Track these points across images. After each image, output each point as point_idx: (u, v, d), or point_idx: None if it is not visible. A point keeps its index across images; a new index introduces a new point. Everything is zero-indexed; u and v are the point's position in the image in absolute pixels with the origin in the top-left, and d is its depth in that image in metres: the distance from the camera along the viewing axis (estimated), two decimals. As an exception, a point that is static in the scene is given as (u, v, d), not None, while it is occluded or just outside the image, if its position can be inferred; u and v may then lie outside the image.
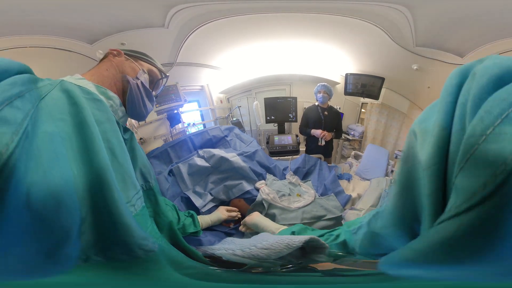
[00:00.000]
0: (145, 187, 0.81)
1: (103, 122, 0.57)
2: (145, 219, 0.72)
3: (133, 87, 0.78)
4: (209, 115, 1.83)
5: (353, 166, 1.78)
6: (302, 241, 0.75)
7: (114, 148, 0.57)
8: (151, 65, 0.90)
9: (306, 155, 1.66)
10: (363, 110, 1.88)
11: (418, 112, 1.77)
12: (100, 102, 0.61)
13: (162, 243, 0.74)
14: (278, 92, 1.85)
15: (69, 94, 0.52)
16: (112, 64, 0.77)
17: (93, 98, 0.60)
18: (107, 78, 0.73)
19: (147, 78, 0.86)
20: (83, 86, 0.61)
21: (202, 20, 1.38)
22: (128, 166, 0.64)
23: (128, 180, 0.61)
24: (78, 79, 0.66)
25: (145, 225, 0.71)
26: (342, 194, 1.44)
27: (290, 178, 1.49)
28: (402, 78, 1.71)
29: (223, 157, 1.40)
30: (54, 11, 1.13)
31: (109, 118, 0.60)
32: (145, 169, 0.82)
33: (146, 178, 0.81)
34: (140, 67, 0.83)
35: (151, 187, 0.83)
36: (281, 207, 1.29)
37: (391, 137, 1.83)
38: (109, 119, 0.60)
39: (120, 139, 0.63)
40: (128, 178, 0.62)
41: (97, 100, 0.60)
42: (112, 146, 0.57)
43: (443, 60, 1.47)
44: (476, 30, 1.29)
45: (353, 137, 1.89)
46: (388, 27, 1.42)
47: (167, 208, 0.94)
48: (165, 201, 1.06)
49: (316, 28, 1.53)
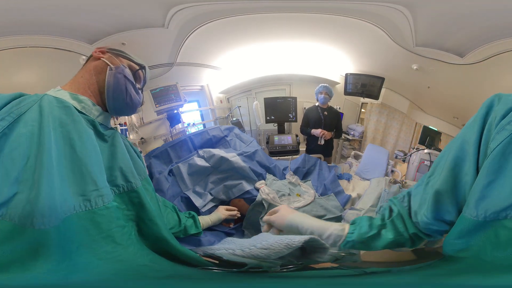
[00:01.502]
0: (125, 188, 0.78)
1: (68, 124, 0.71)
2: (109, 220, 0.69)
3: (110, 79, 0.83)
4: (209, 115, 1.83)
5: (353, 166, 1.79)
6: (302, 241, 0.75)
7: (75, 144, 0.69)
8: (129, 60, 0.93)
9: (306, 155, 1.66)
10: (363, 110, 1.88)
11: (418, 112, 1.77)
12: (68, 108, 0.74)
13: (126, 253, 0.71)
14: (278, 92, 1.85)
15: (40, 106, 0.69)
16: (87, 69, 0.86)
17: (63, 106, 0.74)
18: (82, 84, 0.83)
19: (129, 72, 0.90)
20: (58, 97, 0.76)
21: (202, 20, 1.38)
22: (89, 161, 0.69)
23: (86, 174, 0.68)
24: (57, 91, 0.79)
25: (107, 226, 0.69)
26: (342, 194, 1.44)
27: (290, 178, 1.49)
28: (402, 78, 1.71)
29: (223, 157, 1.40)
30: (54, 11, 1.13)
31: (74, 120, 0.73)
32: (127, 169, 0.80)
33: (127, 178, 0.79)
34: (121, 63, 0.89)
35: (134, 189, 0.79)
36: (281, 207, 1.29)
37: (391, 137, 1.83)
38: (74, 121, 0.73)
39: (83, 136, 0.72)
40: (87, 172, 0.68)
41: (66, 107, 0.74)
42: (73, 143, 0.69)
43: (443, 60, 1.47)
44: (476, 30, 1.29)
45: (353, 137, 1.89)
46: (388, 27, 1.42)
47: (160, 214, 0.89)
48: (165, 203, 1.05)
49: (316, 28, 1.53)
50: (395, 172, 1.68)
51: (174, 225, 1.03)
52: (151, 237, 0.81)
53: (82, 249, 0.63)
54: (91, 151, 0.72)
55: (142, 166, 0.90)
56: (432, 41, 1.43)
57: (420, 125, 1.76)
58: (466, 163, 0.59)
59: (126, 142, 0.89)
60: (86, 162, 0.69)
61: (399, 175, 1.66)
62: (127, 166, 0.80)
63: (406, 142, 1.80)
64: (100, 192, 0.69)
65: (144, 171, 0.89)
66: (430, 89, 1.70)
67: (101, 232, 0.67)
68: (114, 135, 0.84)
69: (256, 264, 0.75)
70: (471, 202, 0.55)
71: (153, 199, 0.88)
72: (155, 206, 0.87)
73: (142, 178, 0.86)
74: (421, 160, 1.63)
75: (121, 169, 0.78)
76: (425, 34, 1.40)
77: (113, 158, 0.79)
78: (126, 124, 1.51)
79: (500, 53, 1.31)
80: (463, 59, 1.42)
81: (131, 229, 0.77)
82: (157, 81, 1.60)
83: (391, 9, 1.28)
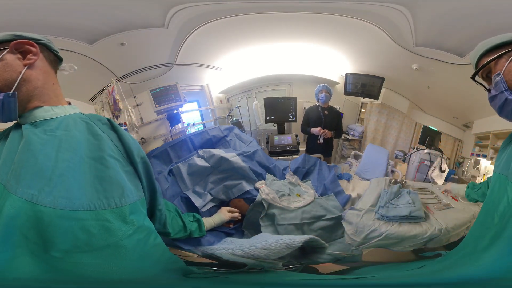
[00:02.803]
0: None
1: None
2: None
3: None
4: (209, 115, 1.83)
5: (353, 166, 1.78)
6: (302, 241, 0.75)
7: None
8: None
9: (306, 155, 1.66)
10: (363, 110, 1.88)
11: (418, 112, 1.77)
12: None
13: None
14: (278, 92, 1.85)
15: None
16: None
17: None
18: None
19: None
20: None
21: (202, 20, 1.38)
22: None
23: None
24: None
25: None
26: (341, 194, 1.43)
27: (290, 178, 1.49)
28: (402, 78, 1.71)
29: (223, 157, 1.40)
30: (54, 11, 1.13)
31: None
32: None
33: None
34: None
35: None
36: (280, 207, 1.29)
37: (391, 137, 1.83)
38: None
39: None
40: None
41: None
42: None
43: (443, 60, 1.47)
44: (476, 30, 1.29)
45: (353, 137, 1.89)
46: (388, 27, 1.42)
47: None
48: (167, 207, 0.97)
49: (316, 28, 1.53)
50: (395, 172, 1.68)
51: (179, 230, 0.99)
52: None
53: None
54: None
55: (116, 184, 0.64)
56: (432, 41, 1.43)
57: (420, 125, 1.76)
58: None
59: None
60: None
61: (399, 175, 1.66)
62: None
63: (406, 142, 1.80)
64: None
65: (120, 193, 0.64)
66: (430, 89, 1.70)
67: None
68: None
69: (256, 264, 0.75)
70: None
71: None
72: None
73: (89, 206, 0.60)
74: (421, 160, 1.63)
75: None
76: (425, 34, 1.40)
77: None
78: (126, 124, 1.52)
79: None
80: (463, 59, 1.42)
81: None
82: (157, 81, 1.61)
83: (391, 9, 1.28)
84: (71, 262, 0.58)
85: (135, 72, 1.52)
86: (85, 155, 0.63)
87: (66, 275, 0.58)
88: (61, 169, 0.60)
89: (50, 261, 0.57)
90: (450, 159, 1.69)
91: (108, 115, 1.50)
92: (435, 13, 1.28)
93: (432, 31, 1.39)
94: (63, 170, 0.59)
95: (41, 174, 0.58)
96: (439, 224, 1.11)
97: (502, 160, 0.80)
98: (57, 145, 0.62)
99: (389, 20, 1.35)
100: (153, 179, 0.74)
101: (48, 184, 0.58)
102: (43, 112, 0.68)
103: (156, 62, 1.56)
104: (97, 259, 0.59)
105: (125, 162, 0.67)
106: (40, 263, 0.57)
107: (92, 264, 0.59)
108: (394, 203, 1.19)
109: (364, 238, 1.11)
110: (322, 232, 1.25)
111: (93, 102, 1.48)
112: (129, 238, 0.62)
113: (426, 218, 1.15)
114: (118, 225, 0.61)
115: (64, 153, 0.61)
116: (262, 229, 1.25)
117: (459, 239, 1.08)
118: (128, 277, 0.63)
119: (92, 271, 0.59)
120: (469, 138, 1.67)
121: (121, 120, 1.51)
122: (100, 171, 0.62)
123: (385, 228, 1.11)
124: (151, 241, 0.68)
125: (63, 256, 0.57)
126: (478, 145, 1.63)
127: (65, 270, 0.58)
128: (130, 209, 0.64)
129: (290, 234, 1.23)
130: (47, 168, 0.59)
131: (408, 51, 1.49)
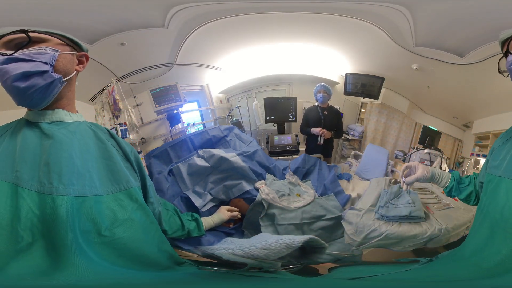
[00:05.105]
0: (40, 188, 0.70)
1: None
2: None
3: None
4: (209, 115, 1.83)
5: (353, 166, 1.78)
6: (302, 241, 0.75)
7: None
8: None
9: (305, 155, 1.66)
10: (363, 110, 1.88)
11: (418, 112, 1.78)
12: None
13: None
14: (278, 92, 1.85)
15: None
16: None
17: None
18: None
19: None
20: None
21: (202, 20, 1.38)
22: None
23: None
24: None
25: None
26: (341, 194, 1.43)
27: (290, 178, 1.49)
28: (402, 78, 1.71)
29: (222, 157, 1.40)
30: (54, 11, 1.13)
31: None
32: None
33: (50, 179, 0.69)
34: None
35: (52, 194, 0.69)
36: (280, 207, 1.29)
37: (391, 137, 1.83)
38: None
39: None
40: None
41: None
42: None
43: (443, 60, 1.47)
44: (476, 30, 1.29)
45: (353, 137, 1.89)
46: (388, 27, 1.42)
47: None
48: (166, 206, 1.03)
49: (316, 28, 1.53)
50: (395, 172, 1.68)
51: (177, 229, 1.02)
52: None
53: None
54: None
55: (122, 174, 0.79)
56: (431, 41, 1.43)
57: (420, 125, 1.76)
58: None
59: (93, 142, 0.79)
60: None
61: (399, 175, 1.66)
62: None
63: (406, 142, 1.80)
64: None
65: (126, 180, 0.79)
66: (430, 89, 1.70)
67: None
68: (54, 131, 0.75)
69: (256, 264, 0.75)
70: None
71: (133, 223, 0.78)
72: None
73: (114, 189, 0.76)
74: (421, 160, 1.63)
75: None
76: (425, 34, 1.40)
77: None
78: (126, 124, 1.51)
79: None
80: (463, 59, 1.42)
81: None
82: (157, 81, 1.61)
83: (391, 9, 1.28)
84: (116, 238, 0.72)
85: (135, 72, 1.52)
86: (98, 156, 0.77)
87: (117, 252, 0.72)
88: (88, 167, 0.73)
89: (105, 241, 0.71)
90: (450, 159, 1.69)
91: (108, 115, 1.50)
92: (435, 13, 1.28)
93: (432, 31, 1.39)
94: (89, 168, 0.73)
95: (78, 172, 0.71)
96: (439, 224, 1.11)
97: (505, 160, 0.73)
98: (79, 147, 0.75)
99: (389, 20, 1.35)
100: (144, 174, 0.89)
101: (83, 179, 0.72)
102: (63, 114, 0.78)
103: (156, 62, 1.56)
104: (126, 232, 0.74)
105: (124, 160, 0.83)
106: (104, 248, 0.71)
107: (126, 238, 0.74)
108: (394, 203, 1.20)
109: (364, 238, 1.11)
110: (322, 232, 1.25)
111: (93, 102, 1.48)
112: (135, 212, 0.78)
113: (426, 218, 1.15)
114: (128, 202, 0.77)
115: (85, 154, 0.75)
116: (262, 229, 1.25)
117: (459, 239, 1.08)
118: (128, 280, 0.73)
119: (130, 244, 0.75)
120: (469, 138, 1.67)
121: (121, 120, 1.51)
122: (111, 166, 0.78)
123: (385, 228, 1.11)
124: (150, 218, 0.84)
125: (110, 234, 0.71)
126: (478, 145, 1.63)
127: (116, 248, 0.72)
128: (134, 191, 0.80)
129: (290, 234, 1.23)
130: (81, 167, 0.72)
131: (408, 51, 1.49)
